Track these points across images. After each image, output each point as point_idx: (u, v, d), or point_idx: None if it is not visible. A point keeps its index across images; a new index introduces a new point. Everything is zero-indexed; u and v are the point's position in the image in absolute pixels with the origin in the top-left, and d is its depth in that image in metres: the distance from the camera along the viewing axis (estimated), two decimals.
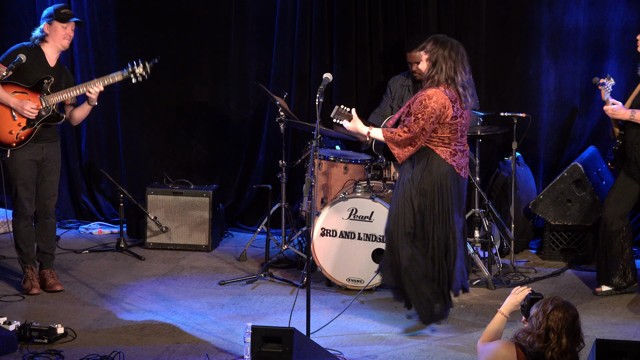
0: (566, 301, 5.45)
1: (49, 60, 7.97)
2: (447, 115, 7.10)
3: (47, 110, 7.89)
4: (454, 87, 7.15)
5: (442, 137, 7.15)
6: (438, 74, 7.13)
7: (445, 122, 7.11)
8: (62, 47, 8.00)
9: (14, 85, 7.87)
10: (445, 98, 7.08)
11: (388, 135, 7.18)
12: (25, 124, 7.88)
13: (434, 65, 7.14)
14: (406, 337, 7.28)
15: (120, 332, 7.30)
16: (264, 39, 9.87)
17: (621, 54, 9.27)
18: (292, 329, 6.17)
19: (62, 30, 7.94)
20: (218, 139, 10.08)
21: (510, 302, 5.77)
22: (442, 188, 7.17)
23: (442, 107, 7.07)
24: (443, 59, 7.13)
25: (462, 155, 7.26)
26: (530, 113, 8.94)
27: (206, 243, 9.34)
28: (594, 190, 8.90)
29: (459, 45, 7.22)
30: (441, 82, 7.13)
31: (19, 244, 8.10)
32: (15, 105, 7.83)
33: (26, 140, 7.88)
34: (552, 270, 8.78)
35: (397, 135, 7.14)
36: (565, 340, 5.36)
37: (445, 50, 7.15)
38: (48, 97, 7.88)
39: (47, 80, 7.89)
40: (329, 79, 7.25)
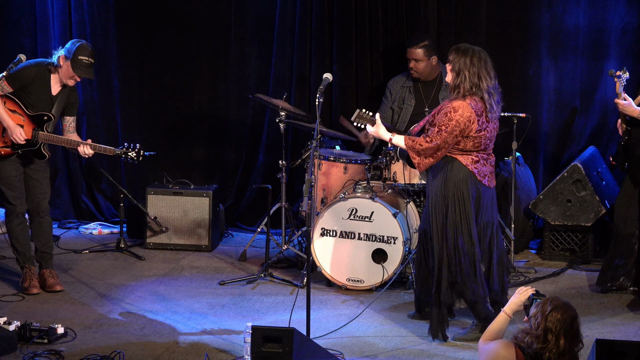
0: (565, 302, 5.44)
1: (52, 87, 7.95)
2: (472, 129, 7.06)
3: (34, 144, 7.89)
4: (480, 94, 7.10)
5: (464, 149, 7.12)
6: (463, 83, 7.07)
7: (470, 136, 7.07)
8: (66, 85, 7.96)
9: (16, 104, 7.87)
10: (471, 112, 7.04)
11: (410, 144, 7.15)
12: (10, 144, 7.88)
13: (458, 75, 7.10)
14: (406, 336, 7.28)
15: (120, 332, 7.30)
16: (264, 39, 9.87)
17: (621, 54, 9.27)
18: (292, 329, 6.17)
19: (70, 72, 7.89)
20: (218, 139, 10.07)
21: (514, 302, 5.77)
22: (460, 193, 7.12)
23: (467, 121, 7.02)
24: (465, 67, 7.09)
25: (485, 163, 7.21)
26: (530, 113, 8.94)
27: (206, 243, 9.34)
28: (594, 190, 8.90)
29: (481, 52, 7.18)
30: (467, 91, 7.08)
31: (13, 243, 8.09)
32: (8, 127, 7.84)
33: (5, 157, 7.90)
34: (552, 270, 8.78)
35: (419, 144, 7.11)
36: (564, 341, 5.35)
37: (467, 57, 7.11)
38: (41, 134, 7.88)
39: (46, 117, 7.89)
40: (329, 79, 7.25)
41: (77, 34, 9.98)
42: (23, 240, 8.10)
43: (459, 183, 7.11)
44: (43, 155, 7.96)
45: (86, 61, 7.89)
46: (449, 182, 7.12)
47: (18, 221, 8.06)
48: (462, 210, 7.12)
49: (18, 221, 8.06)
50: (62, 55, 7.89)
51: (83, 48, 7.88)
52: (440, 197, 7.14)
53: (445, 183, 7.13)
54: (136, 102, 10.14)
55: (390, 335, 7.32)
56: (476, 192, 7.16)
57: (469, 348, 7.04)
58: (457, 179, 7.11)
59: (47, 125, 7.91)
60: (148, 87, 10.12)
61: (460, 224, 7.12)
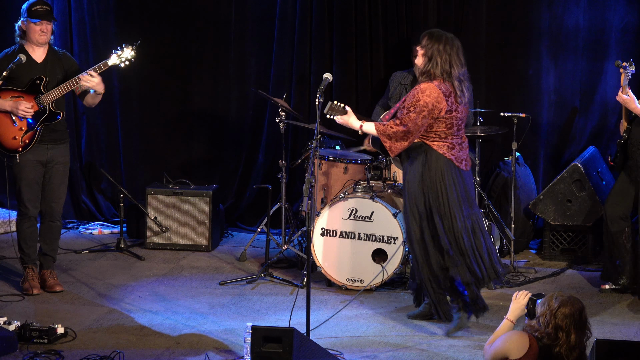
0: (570, 295, 5.49)
1: (35, 57, 7.94)
2: (441, 109, 7.11)
3: (43, 111, 7.88)
4: (450, 80, 7.16)
5: (438, 132, 7.17)
6: (434, 68, 7.15)
7: (440, 117, 7.12)
8: (39, 43, 7.94)
9: (10, 90, 7.88)
10: (438, 92, 7.10)
11: (381, 129, 7.20)
12: (26, 127, 7.88)
13: (430, 60, 7.17)
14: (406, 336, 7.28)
15: (120, 332, 7.30)
16: (264, 39, 9.87)
17: (621, 54, 9.26)
18: (292, 329, 6.17)
19: (35, 27, 7.89)
20: (218, 139, 10.07)
21: (515, 307, 5.80)
22: (443, 182, 7.18)
23: (434, 102, 7.08)
24: (438, 53, 7.16)
25: (461, 147, 7.27)
26: (530, 113, 8.94)
27: (206, 243, 9.34)
28: (594, 190, 8.90)
29: (453, 39, 7.25)
30: (437, 76, 7.15)
31: (21, 244, 8.10)
32: (11, 108, 7.83)
33: (31, 142, 7.88)
34: (552, 270, 8.78)
35: (390, 127, 7.16)
36: (574, 335, 5.41)
37: (440, 44, 7.18)
38: (42, 97, 7.87)
39: (38, 80, 7.88)
40: (329, 79, 7.25)
41: (77, 34, 9.99)
42: (31, 243, 8.10)
43: (438, 172, 7.18)
44: (56, 114, 7.92)
45: (41, 9, 7.91)
46: (428, 172, 7.18)
47: (29, 224, 8.06)
48: (445, 198, 7.18)
49: (29, 224, 8.06)
50: (20, 22, 7.94)
51: (33, 2, 7.92)
52: (420, 186, 7.19)
53: (424, 173, 7.18)
54: (136, 102, 10.14)
55: (390, 335, 7.32)
56: (458, 178, 7.22)
57: (469, 349, 7.04)
58: (436, 168, 7.18)
59: (43, 87, 7.87)
60: (148, 87, 10.12)
61: (444, 211, 7.18)
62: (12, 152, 7.89)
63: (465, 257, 7.23)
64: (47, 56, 7.99)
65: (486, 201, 8.64)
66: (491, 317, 7.65)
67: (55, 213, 8.08)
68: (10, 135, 7.87)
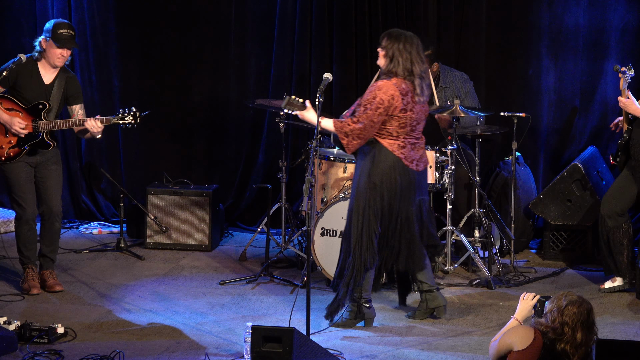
0: (580, 296, 5.54)
1: (43, 76, 7.92)
2: (396, 107, 7.16)
3: (36, 136, 7.88)
4: (412, 79, 7.21)
5: (390, 130, 7.23)
6: (396, 68, 7.20)
7: (394, 115, 7.18)
8: (55, 66, 7.92)
9: (12, 102, 7.87)
10: (394, 90, 7.15)
11: (338, 125, 7.24)
12: (15, 143, 7.88)
13: (392, 60, 7.23)
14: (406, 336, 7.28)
15: (120, 332, 7.30)
16: (264, 39, 9.87)
17: (621, 54, 9.27)
18: (292, 329, 6.17)
19: (56, 51, 7.86)
20: (218, 139, 10.07)
21: (524, 307, 5.82)
22: (389, 180, 7.25)
23: (390, 99, 7.14)
24: (399, 53, 7.21)
25: (413, 147, 7.30)
26: (530, 113, 8.94)
27: (206, 243, 9.34)
28: (594, 190, 8.90)
29: (413, 37, 7.29)
30: (399, 75, 7.20)
31: (20, 247, 8.09)
32: (5, 122, 7.83)
33: (15, 157, 7.88)
34: (552, 270, 8.78)
35: (347, 125, 7.20)
36: (580, 334, 5.45)
37: (400, 43, 7.23)
38: (40, 123, 7.86)
39: (41, 106, 7.87)
40: (329, 79, 7.26)
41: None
42: (30, 245, 8.09)
43: (387, 169, 7.24)
44: (47, 144, 7.93)
45: (67, 33, 7.87)
46: (377, 168, 7.23)
47: (28, 227, 8.05)
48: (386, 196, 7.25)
49: (28, 227, 8.05)
50: (42, 39, 7.89)
51: (60, 23, 7.89)
52: (367, 181, 7.23)
53: (372, 168, 7.21)
54: (136, 102, 10.11)
55: (390, 334, 7.32)
56: (404, 178, 7.26)
57: (469, 349, 7.04)
58: (385, 165, 7.24)
59: (44, 113, 7.88)
60: (148, 87, 10.12)
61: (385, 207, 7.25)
62: None
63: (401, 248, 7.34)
64: (55, 79, 7.95)
65: (486, 201, 8.64)
66: (491, 317, 7.66)
67: (55, 214, 8.07)
68: None
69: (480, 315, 7.73)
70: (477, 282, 8.42)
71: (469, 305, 7.95)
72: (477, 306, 7.92)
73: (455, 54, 9.52)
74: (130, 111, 7.98)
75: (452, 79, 9.02)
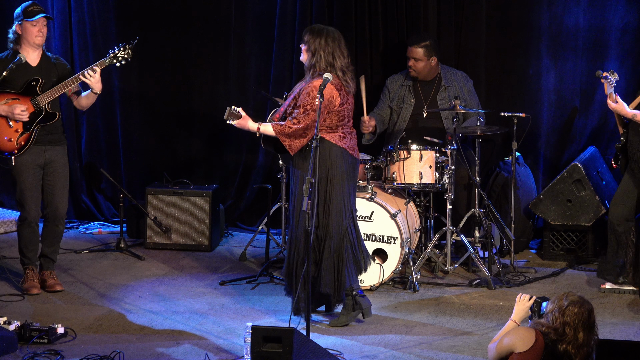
0: (581, 296, 5.55)
1: (29, 61, 7.93)
2: (335, 104, 7.27)
3: (39, 112, 7.87)
4: (334, 72, 7.29)
5: (330, 125, 7.32)
6: (318, 62, 7.30)
7: (333, 110, 7.27)
8: (37, 44, 7.92)
9: (5, 93, 7.87)
10: (332, 87, 7.25)
11: (278, 129, 7.30)
12: (22, 129, 7.87)
13: (314, 55, 7.34)
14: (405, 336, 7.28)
15: (120, 332, 7.30)
16: (264, 39, 9.87)
17: (621, 54, 9.27)
18: (292, 329, 6.17)
19: (32, 28, 7.88)
20: (218, 139, 10.07)
21: (520, 309, 5.82)
22: (337, 172, 7.31)
23: (330, 97, 7.25)
24: (320, 47, 7.32)
25: (351, 137, 7.42)
26: (530, 113, 8.94)
27: (206, 243, 9.34)
28: (594, 190, 8.90)
29: (335, 32, 7.40)
30: (322, 70, 7.27)
31: (22, 248, 8.08)
32: (6, 112, 7.83)
33: (26, 144, 7.87)
34: (552, 270, 8.78)
35: (288, 127, 7.27)
36: (582, 334, 5.46)
37: (322, 38, 7.33)
38: (38, 98, 7.86)
39: (34, 82, 7.87)
40: (329, 79, 7.26)
41: (77, 34, 9.99)
42: (32, 246, 8.09)
43: (334, 162, 7.30)
44: (52, 115, 7.92)
45: (36, 8, 7.92)
46: (322, 162, 7.25)
47: (30, 229, 8.05)
48: (343, 189, 7.32)
49: (30, 229, 8.05)
50: (16, 25, 7.93)
51: (26, 4, 7.93)
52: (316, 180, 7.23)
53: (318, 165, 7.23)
54: (136, 102, 10.14)
55: (390, 334, 7.32)
56: (350, 167, 7.37)
57: (469, 349, 7.04)
58: (331, 158, 7.30)
59: (39, 88, 7.86)
60: (148, 87, 10.12)
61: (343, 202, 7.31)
62: (7, 154, 7.87)
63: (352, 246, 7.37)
64: (41, 60, 7.98)
65: (486, 201, 8.64)
66: (491, 317, 7.66)
67: (59, 216, 8.06)
68: (4, 137, 7.86)
69: (480, 315, 7.73)
70: (477, 282, 8.42)
71: (469, 305, 7.96)
72: (477, 306, 7.93)
73: (455, 54, 9.52)
74: (120, 47, 7.99)
75: (453, 77, 9.03)
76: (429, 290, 8.30)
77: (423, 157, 8.38)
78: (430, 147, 8.41)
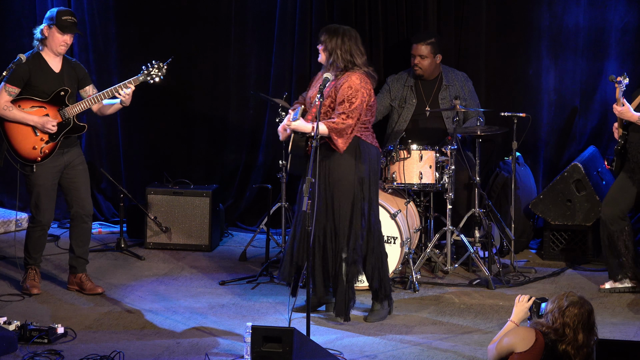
0: (581, 296, 5.54)
1: (52, 66, 7.89)
2: (372, 97, 7.34)
3: (67, 124, 7.86)
4: (359, 69, 7.31)
5: (365, 122, 7.35)
6: (336, 61, 7.31)
7: (369, 105, 7.31)
8: (59, 53, 7.90)
9: (31, 100, 7.83)
10: (366, 80, 7.31)
11: (331, 126, 7.27)
12: (48, 138, 7.85)
13: (331, 54, 7.34)
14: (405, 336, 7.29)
15: (120, 332, 7.30)
16: (264, 39, 9.87)
17: (621, 54, 9.28)
18: (292, 329, 6.17)
19: (59, 38, 7.84)
20: (218, 139, 10.07)
21: (519, 309, 5.83)
22: (376, 172, 7.41)
23: (370, 90, 7.32)
24: (337, 46, 7.33)
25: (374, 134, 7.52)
26: (530, 113, 8.94)
27: (206, 243, 9.34)
28: (594, 190, 8.90)
29: (350, 30, 7.42)
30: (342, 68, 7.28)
31: (29, 249, 8.04)
32: (36, 124, 7.80)
33: (50, 153, 7.85)
34: (552, 270, 8.78)
35: (341, 124, 7.25)
36: (582, 335, 5.46)
37: (338, 37, 7.35)
38: (67, 109, 7.84)
39: (63, 92, 7.86)
40: (329, 79, 7.26)
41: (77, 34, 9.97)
42: (39, 248, 8.07)
43: (373, 162, 7.38)
44: (80, 128, 7.92)
45: (70, 20, 7.87)
46: (363, 162, 7.30)
47: (41, 233, 8.02)
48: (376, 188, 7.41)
49: (41, 233, 8.02)
50: (45, 27, 7.85)
51: (63, 10, 7.88)
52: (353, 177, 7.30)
53: (358, 163, 7.26)
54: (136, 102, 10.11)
55: (390, 334, 7.32)
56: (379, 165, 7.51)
57: (469, 349, 7.04)
58: (371, 159, 7.36)
59: (67, 99, 7.86)
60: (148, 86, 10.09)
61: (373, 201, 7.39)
62: (29, 161, 7.85)
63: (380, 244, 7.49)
64: (63, 66, 7.94)
65: (486, 201, 8.64)
66: (491, 317, 7.66)
67: (87, 213, 8.02)
68: (30, 144, 7.84)
69: (480, 315, 7.73)
70: (477, 282, 8.42)
71: (469, 305, 7.96)
72: (477, 306, 7.93)
73: (455, 53, 9.52)
74: (153, 65, 7.95)
75: (454, 77, 9.04)
76: (429, 290, 8.30)
77: (423, 157, 8.38)
78: (430, 147, 8.41)
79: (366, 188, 7.35)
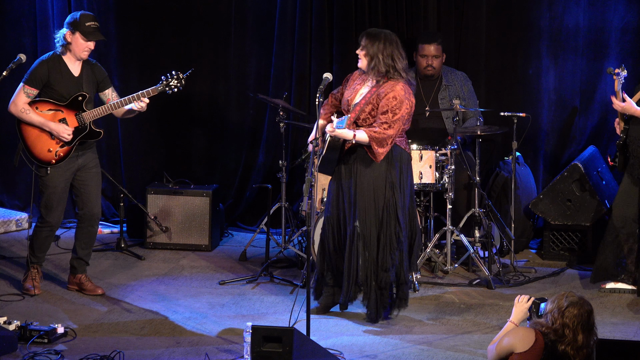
0: (580, 296, 5.54)
1: (72, 70, 7.87)
2: (413, 107, 7.34)
3: (84, 129, 7.86)
4: (397, 75, 7.28)
5: (404, 130, 7.37)
6: (377, 66, 7.28)
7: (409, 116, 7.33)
8: (81, 58, 7.87)
9: (48, 102, 7.82)
10: (410, 91, 7.29)
11: (373, 135, 7.23)
12: (64, 142, 7.84)
13: (372, 59, 7.30)
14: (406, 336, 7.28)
15: (120, 332, 7.30)
16: (264, 39, 9.87)
17: (621, 54, 9.27)
18: (292, 329, 6.17)
19: (83, 44, 7.81)
20: (218, 139, 10.07)
21: (519, 310, 5.83)
22: (407, 176, 7.38)
23: (413, 102, 7.31)
24: (379, 50, 7.29)
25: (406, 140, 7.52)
26: (530, 113, 8.94)
27: (206, 243, 9.34)
28: (594, 190, 8.90)
29: (391, 34, 7.39)
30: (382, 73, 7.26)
31: (34, 248, 8.02)
32: (52, 130, 7.79)
33: (65, 156, 7.84)
34: (552, 270, 8.78)
35: (382, 133, 7.23)
36: (582, 336, 5.46)
37: (380, 42, 7.31)
38: (84, 114, 7.83)
39: (81, 97, 7.84)
40: (329, 79, 7.26)
41: None
42: (44, 248, 8.06)
43: (405, 166, 7.37)
44: (96, 133, 7.91)
45: (94, 26, 7.83)
46: (394, 167, 7.30)
47: (49, 233, 8.02)
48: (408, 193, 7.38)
49: (49, 233, 8.02)
50: (67, 32, 7.81)
51: (85, 15, 7.84)
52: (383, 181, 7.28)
53: (390, 168, 7.25)
54: None
55: (390, 334, 7.32)
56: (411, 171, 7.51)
57: (469, 349, 7.04)
58: (402, 162, 7.36)
59: (85, 104, 7.85)
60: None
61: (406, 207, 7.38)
62: (44, 164, 7.84)
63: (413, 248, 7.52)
64: (82, 69, 7.92)
65: (486, 201, 8.64)
66: (491, 317, 7.66)
67: (95, 217, 8.02)
68: (45, 147, 7.83)
69: (480, 315, 7.73)
70: (477, 282, 8.42)
71: (469, 305, 7.96)
72: (477, 306, 7.93)
73: (455, 53, 9.52)
74: (173, 75, 7.93)
75: (454, 77, 9.04)
76: (429, 289, 8.30)
77: (423, 157, 8.38)
78: (430, 147, 8.41)
79: (398, 193, 7.31)
